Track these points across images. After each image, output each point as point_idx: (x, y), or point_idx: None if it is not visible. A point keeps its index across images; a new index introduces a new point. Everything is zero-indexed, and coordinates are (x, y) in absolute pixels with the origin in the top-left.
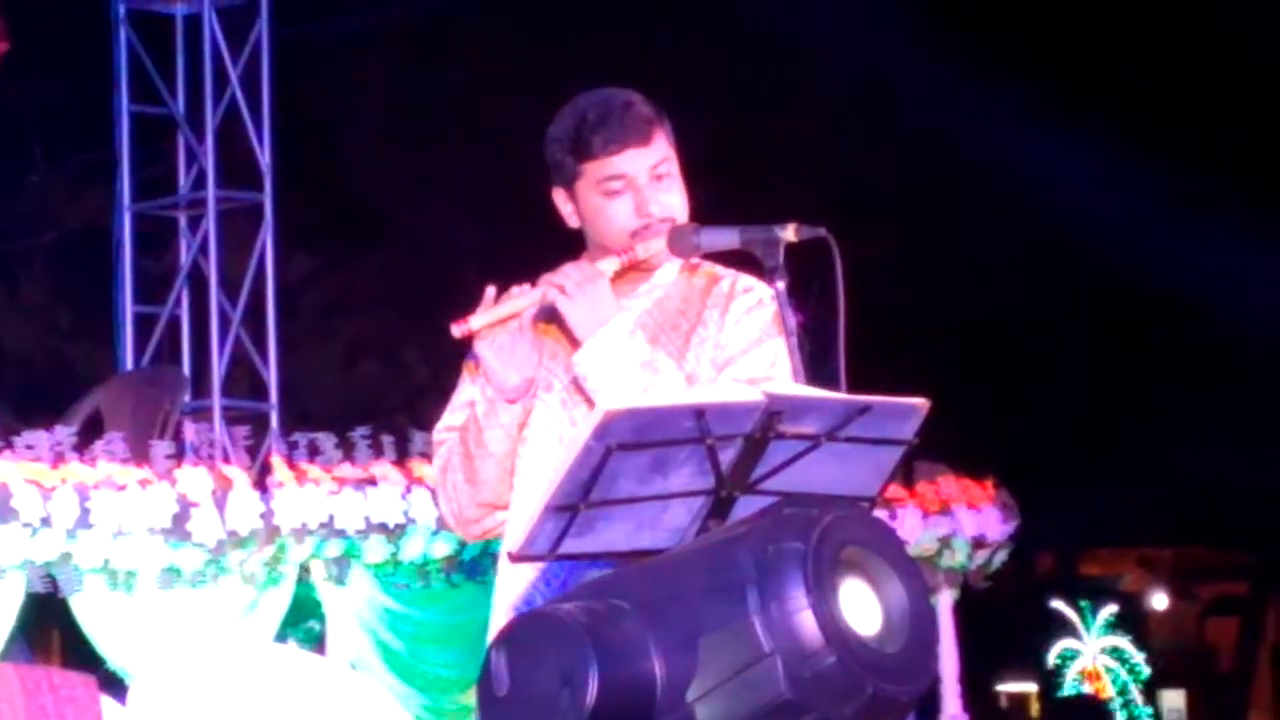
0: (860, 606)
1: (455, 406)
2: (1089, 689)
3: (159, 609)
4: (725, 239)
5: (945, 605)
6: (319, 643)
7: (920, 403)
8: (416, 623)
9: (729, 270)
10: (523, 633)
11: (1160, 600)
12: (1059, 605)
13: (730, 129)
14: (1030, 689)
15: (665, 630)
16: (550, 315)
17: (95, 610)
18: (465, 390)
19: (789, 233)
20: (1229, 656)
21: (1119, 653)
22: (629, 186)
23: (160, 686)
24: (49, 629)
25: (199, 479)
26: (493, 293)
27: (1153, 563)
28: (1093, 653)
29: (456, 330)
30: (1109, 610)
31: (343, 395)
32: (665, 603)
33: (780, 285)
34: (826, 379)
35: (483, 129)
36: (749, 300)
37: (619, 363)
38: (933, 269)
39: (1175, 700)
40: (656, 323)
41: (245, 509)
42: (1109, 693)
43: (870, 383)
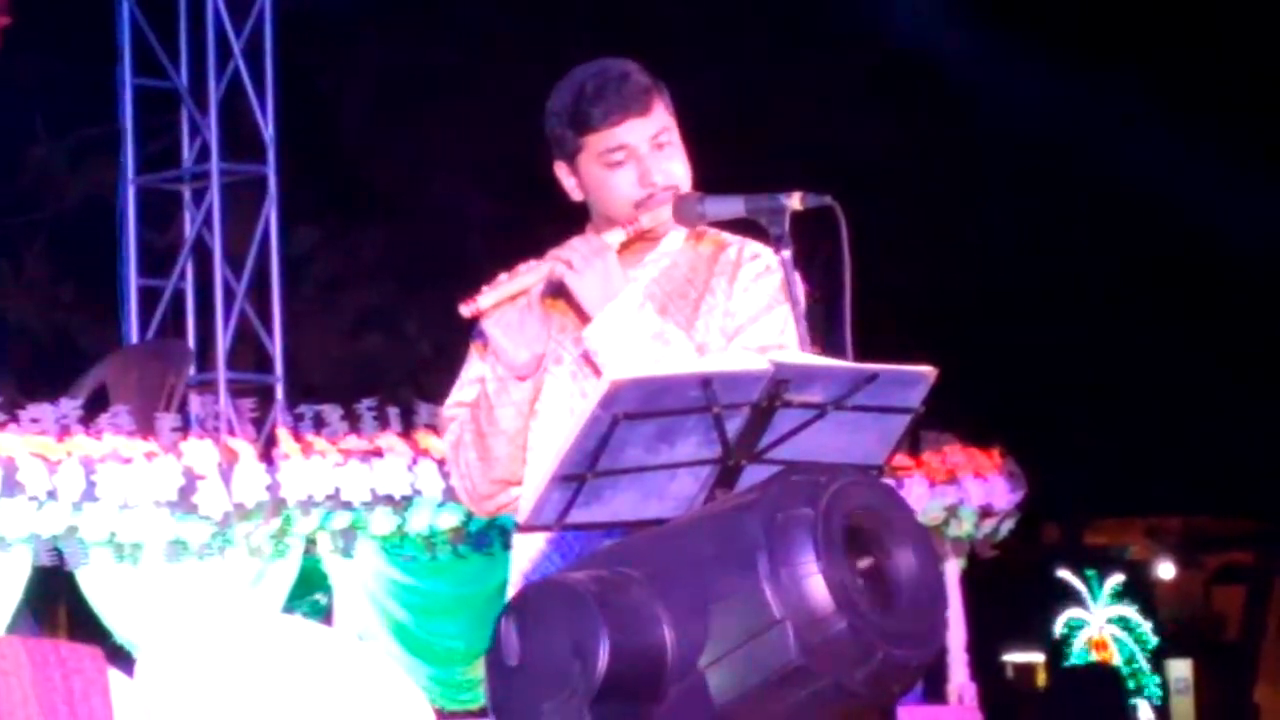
0: (870, 572)
1: (464, 382)
2: (1096, 658)
3: (165, 582)
4: (730, 208)
5: (952, 575)
6: (325, 615)
7: (928, 370)
8: (423, 594)
9: (735, 237)
10: (533, 602)
11: (1167, 569)
12: (1065, 575)
13: (732, 98)
14: (1037, 659)
15: (676, 598)
16: (558, 290)
17: (101, 583)
18: (474, 366)
19: (794, 201)
20: (1236, 625)
21: (1126, 622)
22: (631, 157)
23: (167, 659)
24: (55, 602)
25: (205, 452)
26: (504, 278)
27: (1159, 532)
28: (1099, 622)
29: (465, 309)
30: (1116, 579)
31: (347, 368)
32: (675, 570)
33: (786, 254)
34: (833, 348)
35: (486, 101)
36: (757, 267)
37: (630, 336)
38: (940, 239)
39: (1182, 669)
40: (665, 292)
41: (251, 481)
42: (1116, 661)
43: (877, 351)
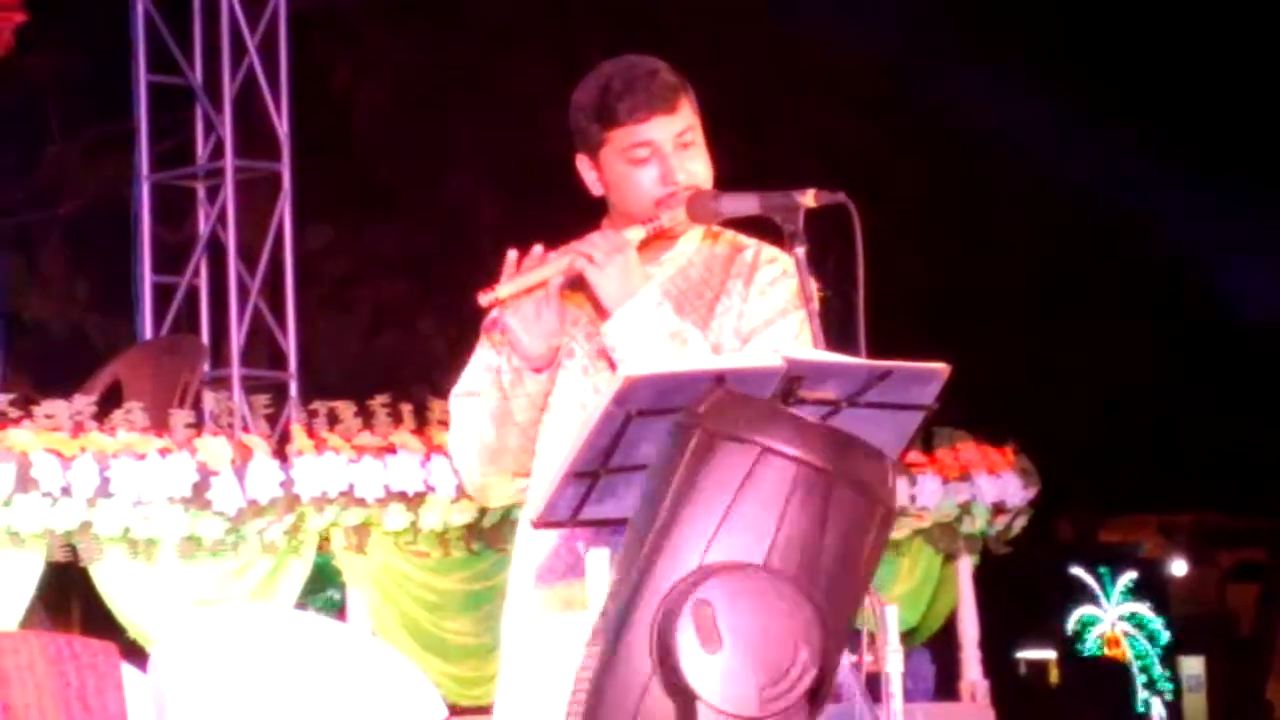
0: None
1: (472, 371)
2: (1109, 655)
3: (179, 578)
4: (745, 205)
5: (965, 571)
6: (339, 611)
7: (941, 367)
8: (436, 590)
9: (752, 240)
10: (736, 588)
11: (1180, 567)
12: (1079, 572)
13: (741, 99)
14: (1050, 655)
15: None
16: (576, 284)
17: (115, 579)
18: (482, 355)
19: (809, 198)
20: (1249, 622)
21: (1138, 619)
22: (654, 154)
23: (180, 654)
24: (69, 598)
25: (219, 448)
26: (514, 256)
27: (1173, 529)
28: (1112, 619)
29: (483, 299)
30: (1128, 577)
31: (361, 364)
32: None
33: (800, 251)
34: (847, 345)
35: (500, 98)
36: (773, 271)
37: (648, 333)
38: (955, 237)
39: (1195, 666)
40: (680, 291)
41: (265, 478)
42: (1128, 658)
43: (891, 348)
